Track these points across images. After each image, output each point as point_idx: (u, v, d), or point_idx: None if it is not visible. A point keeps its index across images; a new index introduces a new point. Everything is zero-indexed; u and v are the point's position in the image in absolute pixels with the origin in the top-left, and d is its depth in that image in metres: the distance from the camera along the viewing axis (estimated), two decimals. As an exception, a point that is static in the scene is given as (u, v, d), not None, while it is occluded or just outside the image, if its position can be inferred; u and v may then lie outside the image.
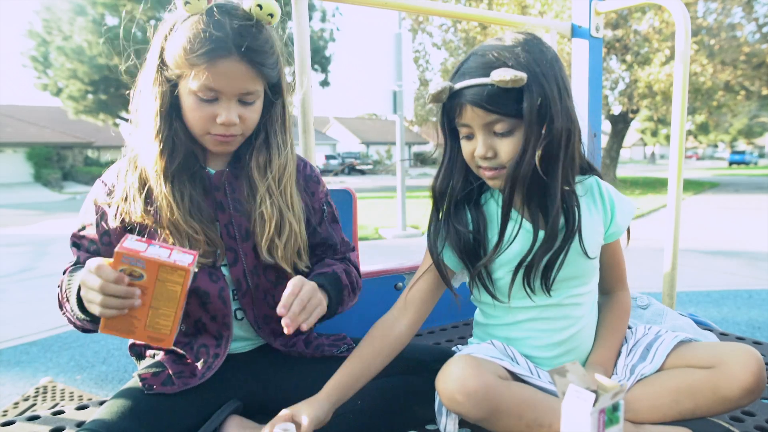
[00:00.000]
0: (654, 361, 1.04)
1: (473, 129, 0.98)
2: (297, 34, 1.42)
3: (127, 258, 0.82)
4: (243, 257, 1.06)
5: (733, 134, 46.65)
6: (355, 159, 32.01)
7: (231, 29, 0.95)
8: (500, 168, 0.99)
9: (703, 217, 9.66)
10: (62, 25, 18.57)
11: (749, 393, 0.92)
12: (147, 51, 1.01)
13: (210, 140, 1.02)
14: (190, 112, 0.99)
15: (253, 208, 1.05)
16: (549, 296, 1.05)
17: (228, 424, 1.01)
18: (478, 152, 0.98)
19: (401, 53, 7.18)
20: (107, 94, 20.08)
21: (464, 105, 0.96)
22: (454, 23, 15.03)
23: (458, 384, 0.91)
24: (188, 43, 0.94)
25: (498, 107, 0.93)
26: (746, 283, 4.79)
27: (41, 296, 4.68)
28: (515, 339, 1.10)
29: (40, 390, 1.77)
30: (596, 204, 1.09)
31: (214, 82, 0.95)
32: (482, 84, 0.93)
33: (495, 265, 1.07)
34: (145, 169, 1.01)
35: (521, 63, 0.93)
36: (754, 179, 21.08)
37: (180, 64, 0.96)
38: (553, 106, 0.94)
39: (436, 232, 1.08)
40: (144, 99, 1.01)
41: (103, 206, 1.04)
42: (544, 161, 0.95)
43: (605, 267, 1.15)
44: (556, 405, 0.97)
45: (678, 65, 1.68)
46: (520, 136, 0.95)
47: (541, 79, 0.94)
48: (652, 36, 12.61)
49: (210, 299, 1.03)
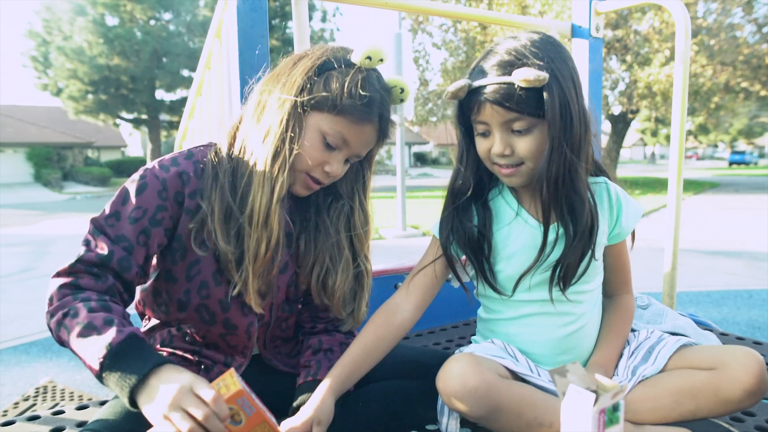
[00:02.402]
0: (656, 362, 1.04)
1: (491, 126, 0.99)
2: (297, 34, 1.42)
3: (243, 401, 0.76)
4: (275, 290, 1.05)
5: (733, 134, 46.65)
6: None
7: (379, 98, 0.99)
8: (517, 165, 1.00)
9: (703, 217, 9.66)
10: (62, 25, 18.59)
11: (751, 395, 0.92)
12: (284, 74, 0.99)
13: (303, 180, 1.00)
14: (309, 147, 0.96)
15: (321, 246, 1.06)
16: (563, 295, 1.06)
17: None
18: (496, 150, 0.99)
19: (401, 53, 7.17)
20: (107, 94, 20.10)
21: (483, 103, 0.97)
22: (454, 23, 15.02)
23: (458, 382, 0.92)
24: (341, 92, 0.94)
25: (518, 106, 0.94)
26: (746, 283, 4.79)
27: (41, 296, 4.63)
28: (515, 334, 1.11)
29: (40, 390, 1.77)
30: (603, 205, 1.09)
31: (348, 137, 0.97)
32: (502, 83, 0.94)
33: (499, 259, 1.08)
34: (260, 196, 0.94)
35: (541, 62, 0.95)
36: (754, 179, 21.08)
37: (323, 104, 0.95)
38: (572, 105, 0.96)
39: (446, 223, 1.10)
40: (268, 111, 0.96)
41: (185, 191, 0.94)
42: (568, 166, 0.97)
43: (609, 269, 1.15)
44: (556, 404, 0.97)
45: (678, 65, 1.68)
46: (538, 134, 0.97)
47: (559, 77, 0.95)
48: (652, 36, 12.60)
49: (237, 332, 1.02)
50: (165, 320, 1.04)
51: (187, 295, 0.98)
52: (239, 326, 1.02)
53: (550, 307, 1.07)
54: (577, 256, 1.02)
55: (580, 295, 1.08)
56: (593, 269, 1.08)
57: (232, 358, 1.06)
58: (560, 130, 0.95)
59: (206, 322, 1.01)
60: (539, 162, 0.99)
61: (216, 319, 1.00)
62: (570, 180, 0.97)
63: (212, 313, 1.00)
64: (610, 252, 1.13)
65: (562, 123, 0.95)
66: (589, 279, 1.09)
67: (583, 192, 1.00)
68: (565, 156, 0.96)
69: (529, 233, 1.07)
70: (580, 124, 0.97)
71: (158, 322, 1.06)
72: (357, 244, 1.10)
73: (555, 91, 0.94)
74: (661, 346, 1.07)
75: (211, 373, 1.04)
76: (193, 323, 1.02)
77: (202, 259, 0.96)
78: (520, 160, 1.00)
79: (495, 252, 1.08)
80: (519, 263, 1.06)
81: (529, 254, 1.05)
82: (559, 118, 0.94)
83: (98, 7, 18.11)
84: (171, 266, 0.98)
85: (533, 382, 1.01)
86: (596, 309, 1.14)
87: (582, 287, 1.08)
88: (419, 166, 38.66)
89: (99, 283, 0.87)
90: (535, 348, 1.10)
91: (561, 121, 0.95)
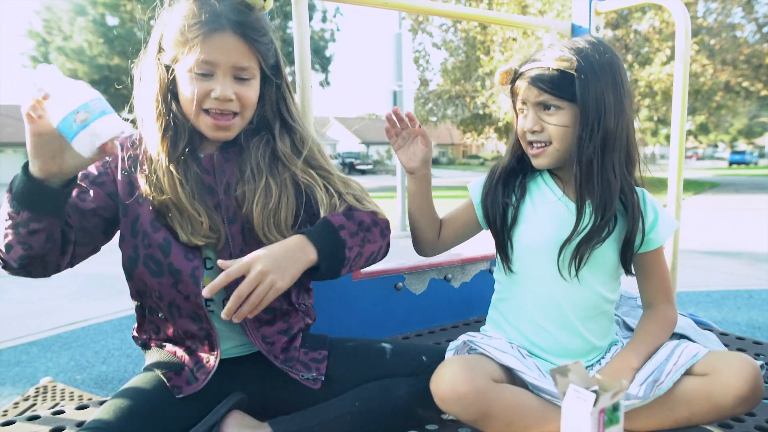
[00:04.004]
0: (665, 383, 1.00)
1: (527, 105, 1.09)
2: (297, 34, 1.42)
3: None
4: (230, 240, 1.06)
5: (733, 134, 46.63)
6: (355, 159, 31.97)
7: (223, 8, 0.99)
8: (546, 144, 1.08)
9: (703, 217, 9.66)
10: (62, 25, 18.56)
11: (744, 401, 0.92)
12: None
13: (205, 122, 1.02)
14: (184, 91, 1.01)
15: (250, 187, 1.05)
16: (577, 279, 1.09)
17: (228, 421, 1.01)
18: (527, 126, 1.09)
19: (401, 53, 7.17)
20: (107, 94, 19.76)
21: (523, 84, 1.09)
22: (454, 23, 15.03)
23: (449, 386, 0.93)
24: (183, 21, 0.98)
25: (549, 86, 1.04)
26: (746, 283, 4.79)
27: (41, 296, 4.68)
28: (523, 319, 1.14)
29: (40, 390, 1.77)
30: (638, 208, 1.10)
31: (209, 55, 0.98)
32: (539, 66, 1.06)
33: (520, 230, 1.14)
34: (151, 152, 1.03)
35: (576, 54, 1.03)
36: (754, 179, 21.08)
37: (176, 44, 0.99)
38: (606, 96, 1.02)
39: (484, 188, 1.19)
40: (144, 85, 1.04)
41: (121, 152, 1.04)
42: (599, 152, 1.03)
43: (645, 277, 1.14)
44: (549, 414, 0.97)
45: (678, 65, 1.68)
46: (567, 115, 1.05)
47: (596, 68, 1.03)
48: (653, 36, 12.60)
49: (182, 277, 1.02)
50: (138, 294, 1.10)
51: (135, 250, 1.04)
52: (183, 270, 1.02)
53: (561, 290, 1.10)
54: (593, 244, 1.06)
55: (591, 286, 1.10)
56: (611, 267, 1.10)
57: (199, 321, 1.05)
58: (592, 116, 1.02)
59: (155, 274, 1.03)
60: (565, 145, 1.06)
61: (162, 268, 1.02)
62: (601, 167, 1.04)
63: (158, 262, 1.03)
64: (644, 259, 1.13)
65: (595, 109, 1.02)
66: (605, 278, 1.10)
67: (614, 181, 1.05)
68: (596, 142, 1.02)
69: (558, 209, 1.11)
70: (616, 116, 1.04)
71: (144, 317, 1.11)
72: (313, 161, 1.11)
73: (588, 79, 1.02)
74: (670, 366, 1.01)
75: (197, 354, 1.07)
76: (146, 279, 1.04)
77: (140, 213, 1.03)
78: (548, 139, 1.07)
79: (518, 223, 1.14)
80: (540, 235, 1.11)
81: (554, 228, 1.09)
82: (591, 103, 1.02)
83: (98, 7, 18.11)
84: (118, 226, 1.06)
85: (531, 382, 1.01)
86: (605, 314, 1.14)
87: (594, 277, 1.09)
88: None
89: None
90: (540, 336, 1.11)
91: (594, 107, 1.02)
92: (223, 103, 1.00)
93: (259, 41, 1.02)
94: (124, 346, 3.42)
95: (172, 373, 1.05)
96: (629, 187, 1.08)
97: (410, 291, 1.73)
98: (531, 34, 11.53)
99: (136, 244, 1.04)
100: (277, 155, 1.09)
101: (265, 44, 1.04)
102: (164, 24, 1.02)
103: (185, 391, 1.02)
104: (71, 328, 3.80)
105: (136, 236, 1.04)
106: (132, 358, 3.21)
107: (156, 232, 1.03)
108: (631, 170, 1.10)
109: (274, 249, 0.95)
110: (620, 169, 1.06)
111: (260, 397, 1.09)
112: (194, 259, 1.03)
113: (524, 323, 1.14)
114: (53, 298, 4.59)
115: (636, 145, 1.10)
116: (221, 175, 1.08)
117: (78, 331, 3.75)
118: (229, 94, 0.99)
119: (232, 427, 1.00)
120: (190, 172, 1.04)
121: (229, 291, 0.92)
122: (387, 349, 1.14)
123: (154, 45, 1.03)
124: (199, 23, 0.97)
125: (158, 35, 1.03)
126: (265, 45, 1.04)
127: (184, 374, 1.05)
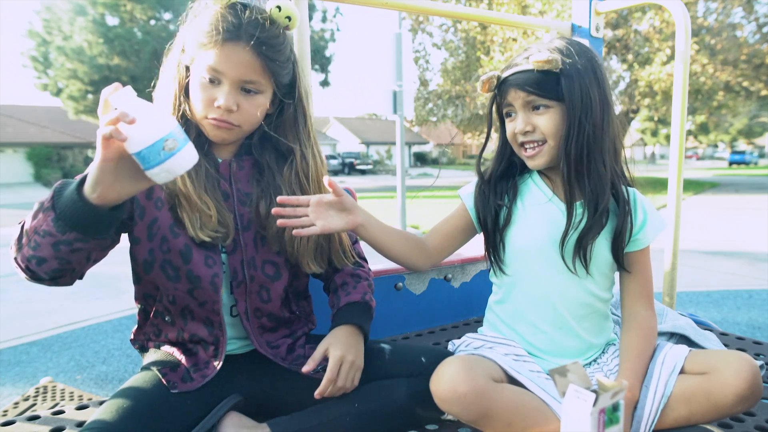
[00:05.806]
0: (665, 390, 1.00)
1: (514, 108, 1.10)
2: (297, 34, 1.42)
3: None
4: (243, 247, 1.07)
5: (733, 134, 46.63)
6: (355, 159, 31.97)
7: (246, 20, 0.99)
8: (540, 143, 1.08)
9: (703, 217, 9.66)
10: (62, 25, 18.56)
11: (743, 399, 0.91)
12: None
13: (208, 125, 1.04)
14: (194, 93, 1.03)
15: (264, 201, 1.08)
16: (586, 271, 1.10)
17: (226, 421, 1.01)
18: (518, 128, 1.09)
19: (401, 53, 7.16)
20: (107, 94, 20.02)
21: (508, 88, 1.10)
22: (454, 23, 15.02)
23: (449, 386, 0.93)
24: (206, 26, 0.99)
25: (537, 88, 1.06)
26: (746, 283, 4.79)
27: (41, 296, 4.68)
28: (519, 319, 1.15)
29: (40, 390, 1.77)
30: (627, 205, 1.11)
31: (218, 64, 0.98)
32: (523, 70, 1.07)
33: (512, 231, 1.14)
34: None
35: (558, 53, 1.05)
36: (754, 179, 21.08)
37: (194, 47, 1.00)
38: (591, 92, 1.04)
39: (477, 190, 1.19)
40: (165, 82, 1.07)
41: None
42: (588, 146, 1.05)
43: (627, 276, 1.14)
44: (549, 414, 0.97)
45: (678, 65, 1.68)
46: (557, 114, 1.06)
47: (578, 66, 1.05)
48: (653, 36, 12.59)
49: (201, 284, 1.03)
50: (144, 297, 1.11)
51: (152, 254, 1.03)
52: (202, 277, 1.03)
53: (554, 291, 1.11)
54: (593, 235, 1.07)
55: (584, 285, 1.11)
56: (605, 265, 1.11)
57: (210, 327, 1.07)
58: (578, 112, 1.04)
59: (171, 279, 1.03)
60: (560, 141, 1.06)
61: (180, 274, 1.03)
62: (590, 161, 1.05)
63: (175, 268, 1.03)
64: (629, 259, 1.12)
65: (581, 105, 1.04)
66: (595, 269, 1.10)
67: (604, 174, 1.06)
68: (584, 137, 1.04)
69: (549, 210, 1.12)
70: (601, 110, 1.06)
71: (146, 320, 1.11)
72: (317, 191, 1.13)
73: (573, 77, 1.04)
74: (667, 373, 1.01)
75: (197, 357, 1.07)
76: (160, 283, 1.05)
77: (158, 217, 1.02)
78: (542, 138, 1.07)
79: (510, 225, 1.14)
80: (532, 237, 1.11)
81: (545, 230, 1.10)
82: (577, 100, 1.03)
83: (98, 7, 18.10)
84: (133, 228, 1.04)
85: (528, 388, 1.01)
86: (599, 312, 1.15)
87: (586, 276, 1.10)
88: (419, 166, 38.67)
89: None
90: (536, 336, 1.12)
91: (580, 103, 1.03)
92: (224, 113, 1.01)
93: (273, 59, 1.01)
94: (124, 346, 3.42)
95: (168, 369, 1.05)
96: (618, 179, 1.09)
97: (410, 291, 1.73)
98: (531, 34, 11.52)
99: (152, 247, 1.03)
100: (299, 178, 1.12)
101: (281, 63, 1.03)
102: (191, 24, 1.03)
103: (180, 388, 1.02)
104: (71, 328, 3.81)
105: (152, 240, 1.03)
106: (132, 358, 3.22)
107: (176, 237, 1.02)
108: (619, 161, 1.12)
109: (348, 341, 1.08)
110: (609, 161, 1.08)
111: (260, 396, 1.09)
112: (214, 266, 1.04)
113: (520, 325, 1.15)
114: (53, 298, 4.58)
115: (620, 137, 1.12)
116: (236, 183, 1.10)
117: (78, 331, 3.75)
118: (231, 105, 1.00)
119: (230, 428, 1.00)
120: (202, 168, 1.04)
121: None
122: (386, 350, 1.14)
123: (179, 43, 1.05)
124: (218, 30, 0.98)
125: (183, 35, 1.05)
126: (280, 64, 1.03)
127: (179, 371, 1.06)
